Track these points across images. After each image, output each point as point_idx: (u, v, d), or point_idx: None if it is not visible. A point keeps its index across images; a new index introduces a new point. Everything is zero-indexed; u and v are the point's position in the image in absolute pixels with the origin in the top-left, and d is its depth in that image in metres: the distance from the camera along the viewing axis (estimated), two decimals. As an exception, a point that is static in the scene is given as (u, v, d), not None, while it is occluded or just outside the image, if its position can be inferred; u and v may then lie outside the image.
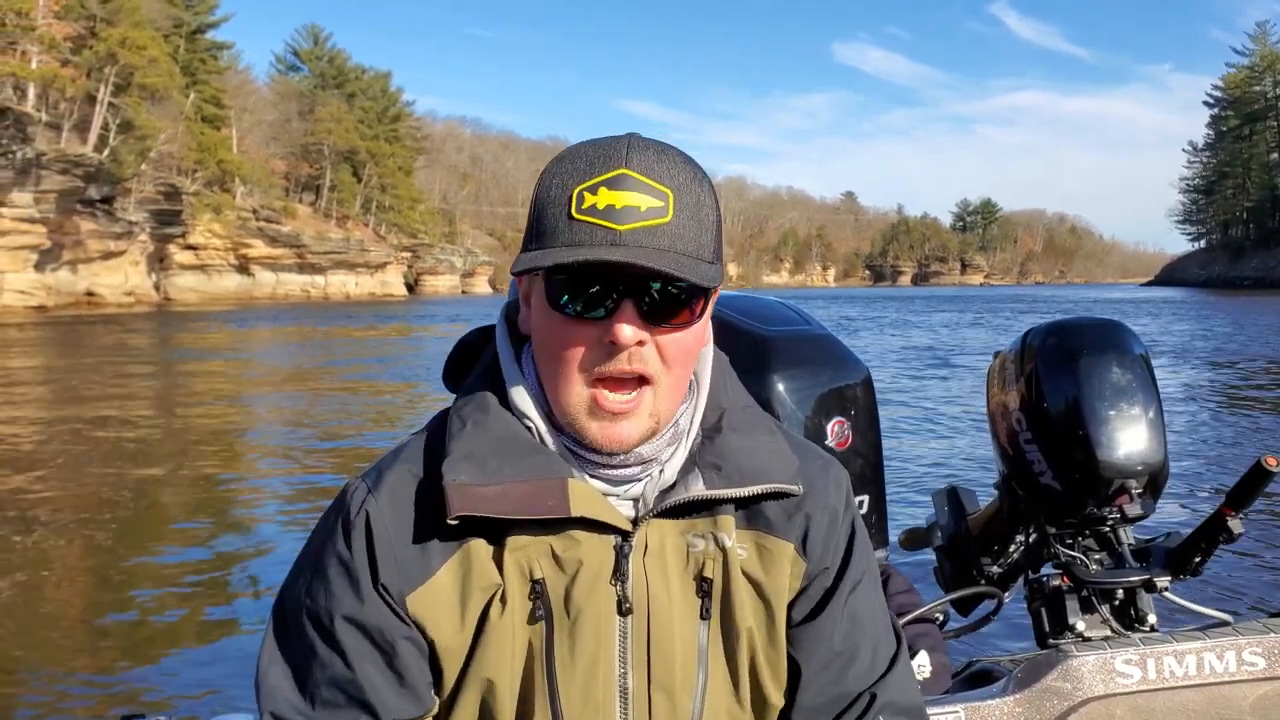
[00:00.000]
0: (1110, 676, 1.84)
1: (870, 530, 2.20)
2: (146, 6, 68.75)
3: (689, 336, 1.13)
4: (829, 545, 1.23)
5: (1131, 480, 2.03)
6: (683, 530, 1.17)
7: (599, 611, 1.13)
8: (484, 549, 1.13)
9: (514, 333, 1.23)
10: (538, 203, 1.12)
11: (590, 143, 1.13)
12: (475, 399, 1.18)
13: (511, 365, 1.19)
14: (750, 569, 1.19)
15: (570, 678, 1.13)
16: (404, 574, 1.12)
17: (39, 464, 10.59)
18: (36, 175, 54.52)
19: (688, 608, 1.17)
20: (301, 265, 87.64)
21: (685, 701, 1.16)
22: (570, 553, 1.13)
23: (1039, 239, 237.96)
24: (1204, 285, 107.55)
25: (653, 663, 1.15)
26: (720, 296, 2.30)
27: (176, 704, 4.36)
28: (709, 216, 1.12)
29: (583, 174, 1.08)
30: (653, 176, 1.08)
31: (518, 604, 1.13)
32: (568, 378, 1.11)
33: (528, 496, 1.10)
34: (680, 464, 1.18)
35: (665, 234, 1.07)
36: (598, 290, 1.08)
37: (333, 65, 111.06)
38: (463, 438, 1.14)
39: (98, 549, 7.35)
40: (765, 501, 1.20)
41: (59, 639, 5.39)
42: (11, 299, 53.88)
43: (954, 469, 9.69)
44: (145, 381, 19.76)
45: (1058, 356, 2.12)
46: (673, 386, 1.14)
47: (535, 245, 1.10)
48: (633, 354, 1.09)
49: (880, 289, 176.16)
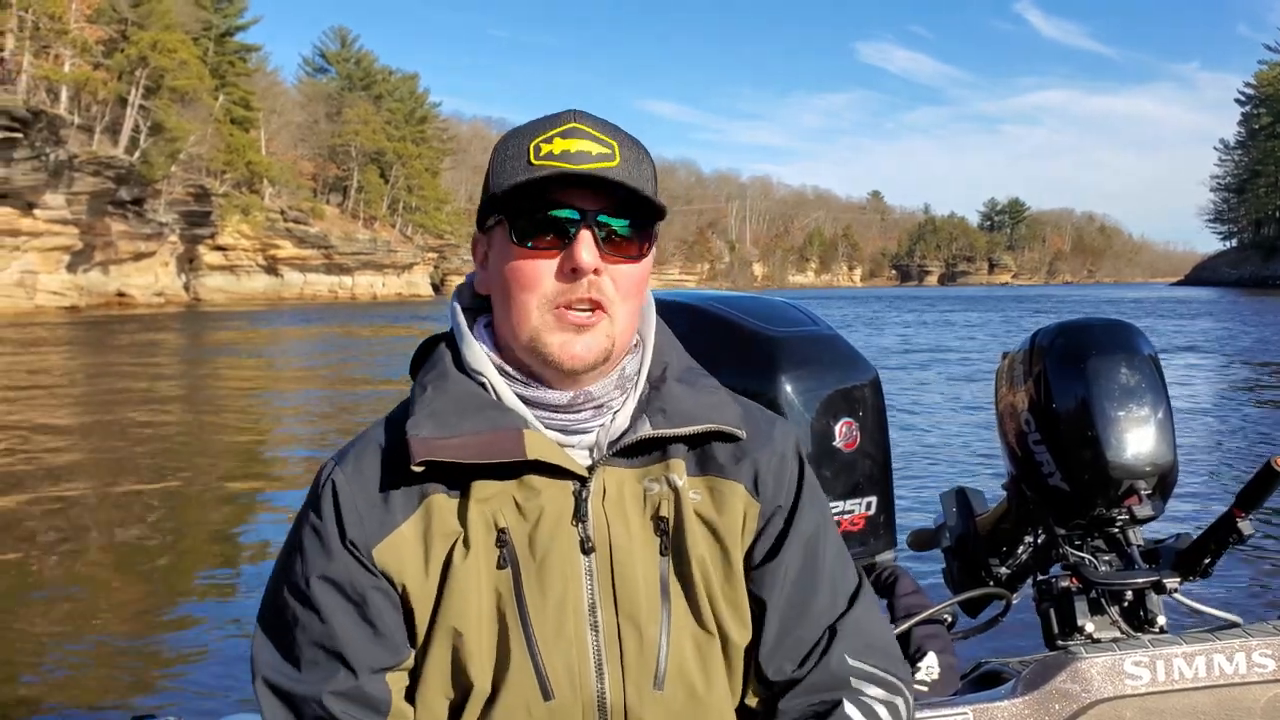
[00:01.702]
0: (1119, 678, 1.83)
1: (879, 531, 2.21)
2: (176, 10, 69.41)
3: (638, 270, 1.24)
4: (780, 484, 1.31)
5: (1141, 481, 2.02)
6: (638, 476, 1.26)
7: (563, 552, 1.21)
8: (446, 501, 1.21)
9: (467, 313, 1.33)
10: (494, 163, 1.24)
11: (537, 117, 1.26)
12: (435, 369, 1.28)
13: (465, 331, 1.29)
14: (704, 511, 1.27)
15: (543, 616, 1.20)
16: (368, 528, 1.20)
17: (69, 466, 10.73)
18: (69, 177, 55.22)
19: (647, 544, 1.24)
20: (329, 266, 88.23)
21: (652, 630, 1.23)
22: (531, 501, 1.21)
23: (1067, 238, 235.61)
24: (1235, 285, 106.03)
25: (618, 595, 1.22)
26: (726, 297, 2.33)
27: (186, 704, 4.38)
28: (648, 171, 1.24)
29: (539, 130, 1.21)
30: (599, 130, 1.21)
31: (482, 552, 1.20)
32: (529, 305, 1.21)
33: (484, 444, 1.19)
34: (630, 412, 1.27)
35: (614, 174, 1.19)
36: (558, 223, 1.19)
37: (360, 67, 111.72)
38: (424, 400, 1.23)
39: (119, 548, 7.43)
40: (714, 446, 1.28)
41: (69, 636, 5.44)
42: (44, 299, 54.60)
43: (962, 470, 9.64)
44: (176, 379, 19.97)
45: (1066, 357, 2.10)
46: (626, 316, 1.24)
47: (491, 198, 1.23)
48: (591, 282, 1.19)
49: (907, 289, 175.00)
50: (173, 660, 5.10)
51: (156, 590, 6.36)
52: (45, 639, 5.37)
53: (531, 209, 1.19)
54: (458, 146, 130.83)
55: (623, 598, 1.22)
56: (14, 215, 52.37)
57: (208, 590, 6.39)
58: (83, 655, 5.16)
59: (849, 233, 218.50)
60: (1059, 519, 2.15)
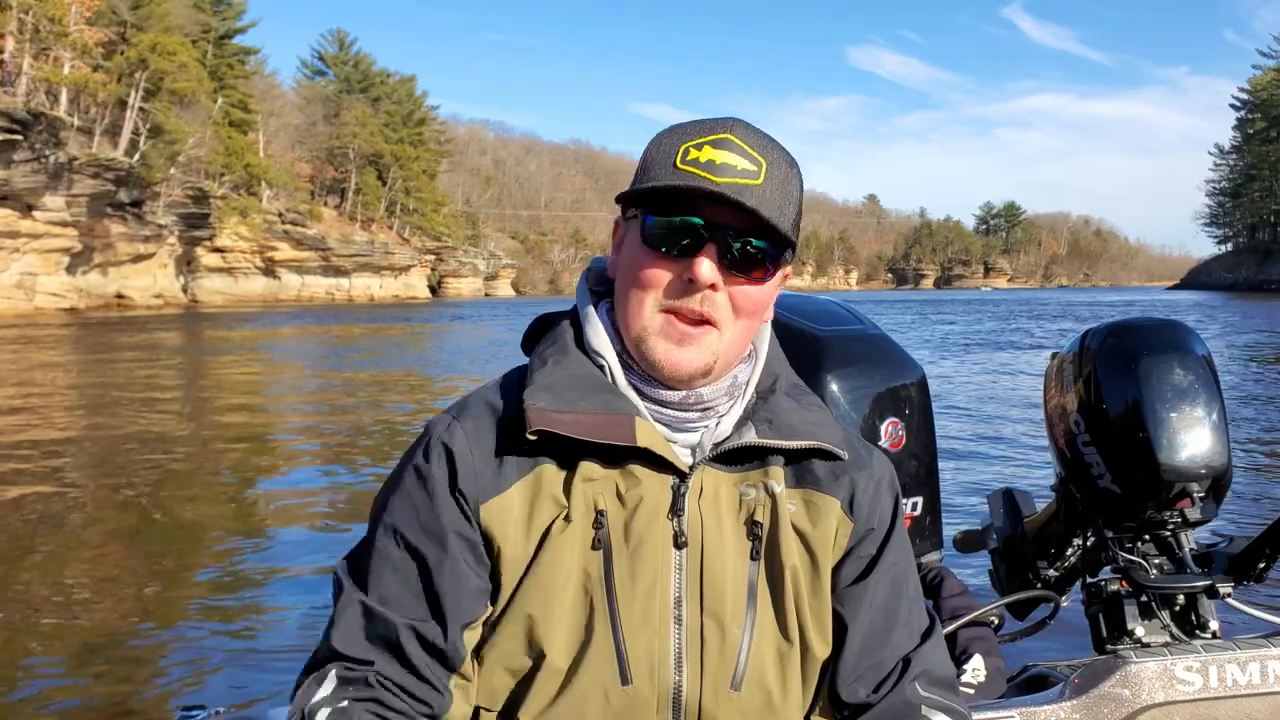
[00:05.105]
0: (1170, 684, 1.81)
1: (925, 532, 2.19)
2: (175, 12, 69.50)
3: (759, 292, 1.24)
4: (875, 509, 1.32)
5: (1193, 484, 1.98)
6: (736, 481, 1.27)
7: (657, 542, 1.22)
8: (555, 473, 1.22)
9: (592, 294, 1.34)
10: (646, 157, 1.25)
11: (703, 117, 1.26)
12: (556, 344, 1.29)
13: (589, 311, 1.31)
14: (799, 522, 1.27)
15: (630, 601, 1.21)
16: (479, 484, 1.21)
17: (81, 459, 10.70)
18: (68, 179, 55.18)
19: (739, 546, 1.25)
20: (326, 268, 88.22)
21: (735, 631, 1.23)
22: (633, 490, 1.22)
23: (1063, 242, 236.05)
24: (1230, 288, 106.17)
25: (705, 592, 1.23)
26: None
27: (232, 696, 4.39)
28: (793, 193, 1.23)
29: (691, 135, 1.21)
30: (751, 145, 1.20)
31: (580, 529, 1.21)
32: (644, 303, 1.22)
33: (599, 425, 1.20)
34: (736, 418, 1.28)
35: (754, 193, 1.18)
36: (686, 232, 1.20)
37: (358, 70, 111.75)
38: (543, 372, 1.25)
39: (148, 541, 7.40)
40: (813, 461, 1.29)
41: (114, 630, 5.43)
42: (44, 301, 54.56)
43: (1010, 471, 9.52)
44: (177, 377, 19.93)
45: (1117, 358, 2.07)
46: (736, 336, 1.24)
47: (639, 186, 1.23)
48: (705, 297, 1.20)
49: (903, 292, 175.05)
50: (217, 653, 5.09)
51: (196, 582, 6.31)
52: (87, 632, 5.34)
53: (665, 212, 1.20)
54: (455, 149, 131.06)
55: (709, 595, 1.23)
56: (13, 217, 52.32)
57: (247, 581, 6.34)
58: (128, 649, 5.15)
59: (845, 236, 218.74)
60: (1109, 521, 2.12)
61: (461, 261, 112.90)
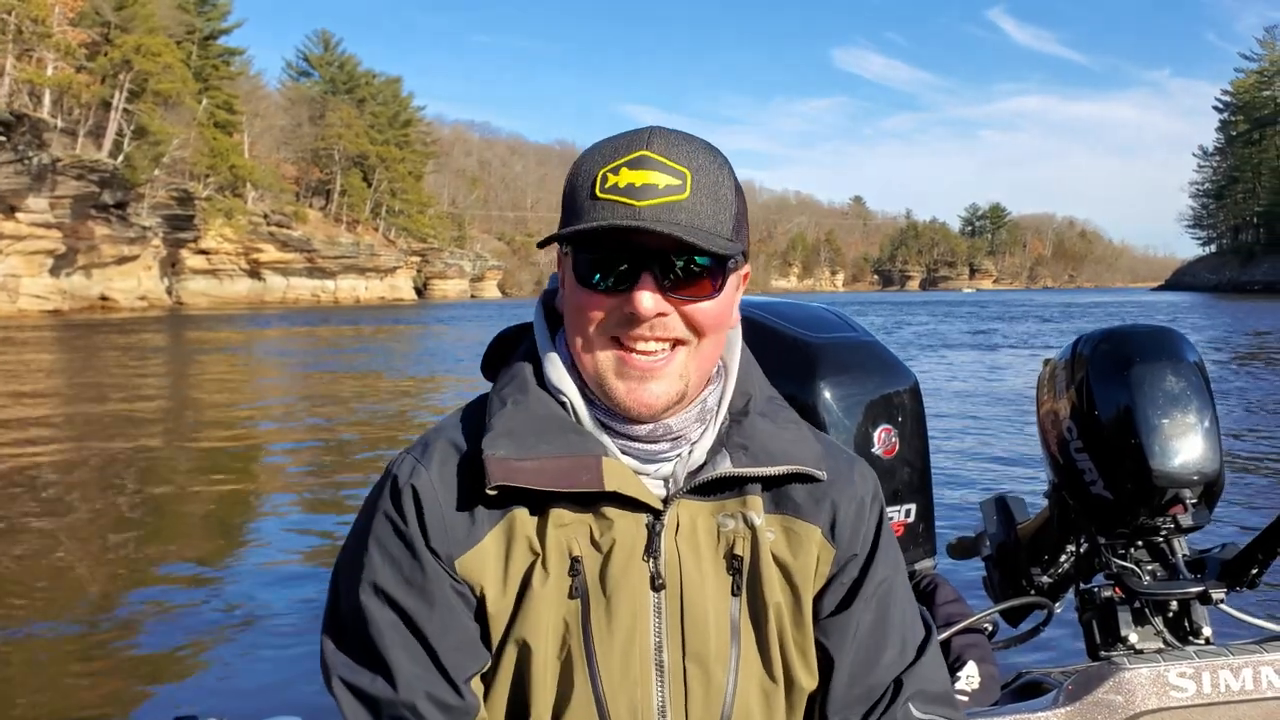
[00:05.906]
0: (1164, 690, 1.80)
1: (918, 539, 2.19)
2: (160, 13, 69.17)
3: (714, 306, 1.17)
4: (857, 533, 1.26)
5: (1186, 490, 1.98)
6: (713, 511, 1.21)
7: (633, 587, 1.17)
8: (527, 519, 1.17)
9: (551, 318, 1.28)
10: (567, 187, 1.18)
11: (617, 134, 1.19)
12: (515, 381, 1.23)
13: (548, 344, 1.24)
14: (779, 552, 1.22)
15: (609, 651, 1.16)
16: (452, 538, 1.16)
17: (75, 464, 10.63)
18: (52, 181, 54.88)
19: (719, 583, 1.20)
20: (311, 270, 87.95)
21: (719, 674, 1.19)
22: (606, 534, 1.17)
23: (1048, 243, 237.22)
24: (1214, 290, 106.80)
25: (686, 636, 1.18)
26: (764, 303, 2.30)
27: (229, 705, 4.37)
28: (727, 196, 1.16)
29: (607, 158, 1.14)
30: (671, 158, 1.13)
31: (556, 577, 1.16)
32: (593, 342, 1.17)
33: (564, 470, 1.15)
34: (709, 445, 1.22)
35: (682, 209, 1.11)
36: (618, 263, 1.13)
37: (343, 71, 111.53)
38: (502, 415, 1.19)
39: (144, 547, 7.35)
40: (792, 485, 1.24)
41: (110, 638, 5.40)
42: (27, 303, 54.24)
43: (1003, 477, 9.53)
44: (160, 378, 19.82)
45: (1109, 364, 2.06)
46: (705, 352, 1.19)
47: (563, 225, 1.17)
48: (655, 324, 1.14)
49: (889, 294, 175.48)
50: (216, 662, 5.08)
51: (192, 592, 6.28)
52: (82, 640, 5.30)
53: (594, 247, 1.14)
54: (441, 150, 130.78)
55: (691, 638, 1.18)
56: (-4, 219, 52.01)
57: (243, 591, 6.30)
58: (123, 657, 5.12)
59: (831, 237, 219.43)
60: (1102, 528, 2.11)
61: (447, 263, 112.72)
